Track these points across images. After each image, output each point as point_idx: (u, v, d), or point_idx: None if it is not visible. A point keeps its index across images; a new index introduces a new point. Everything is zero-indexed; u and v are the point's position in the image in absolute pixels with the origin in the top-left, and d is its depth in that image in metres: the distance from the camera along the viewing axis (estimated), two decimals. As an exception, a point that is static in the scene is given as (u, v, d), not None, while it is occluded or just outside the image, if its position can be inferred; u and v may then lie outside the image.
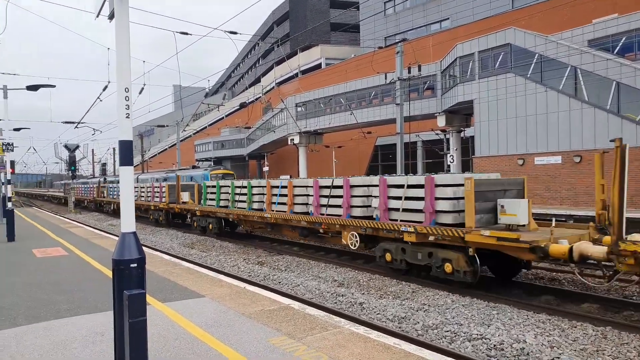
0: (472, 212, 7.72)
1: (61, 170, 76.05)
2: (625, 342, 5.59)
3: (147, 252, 10.84)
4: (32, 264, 9.28)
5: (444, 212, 8.21)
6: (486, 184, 8.10)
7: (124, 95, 3.31)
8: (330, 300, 7.83)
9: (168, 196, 20.00)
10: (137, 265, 3.36)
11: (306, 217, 11.44)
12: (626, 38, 19.24)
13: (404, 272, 9.30)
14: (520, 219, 7.59)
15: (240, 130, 51.93)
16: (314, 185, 11.31)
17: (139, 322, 3.22)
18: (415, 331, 6.16)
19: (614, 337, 5.75)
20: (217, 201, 15.86)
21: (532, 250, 6.99)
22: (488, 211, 7.99)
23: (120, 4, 3.29)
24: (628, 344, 5.53)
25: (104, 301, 6.10)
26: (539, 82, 21.19)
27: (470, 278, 7.84)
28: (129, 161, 3.43)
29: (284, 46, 57.41)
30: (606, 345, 5.51)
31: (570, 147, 20.38)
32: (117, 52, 3.29)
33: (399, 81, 26.39)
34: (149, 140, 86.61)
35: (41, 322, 5.26)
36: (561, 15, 27.60)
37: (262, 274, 10.17)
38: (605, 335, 5.83)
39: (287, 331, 4.79)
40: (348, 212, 10.32)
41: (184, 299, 6.19)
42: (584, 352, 5.32)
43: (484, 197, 7.96)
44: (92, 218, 28.88)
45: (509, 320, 6.37)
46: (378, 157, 41.35)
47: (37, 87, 13.84)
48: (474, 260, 7.87)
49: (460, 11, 39.43)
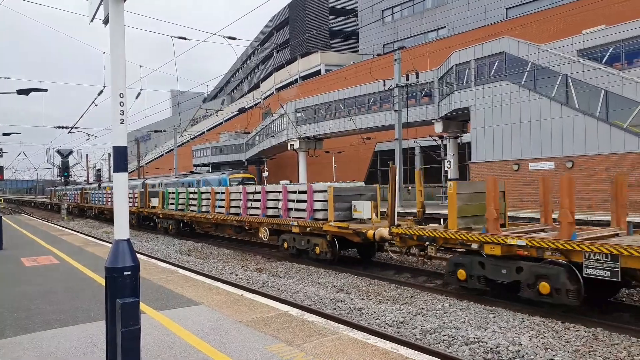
0: (332, 210, 10.75)
1: (53, 176, 75.54)
2: (615, 343, 5.70)
3: (143, 259, 10.74)
4: (21, 273, 9.02)
5: (318, 211, 11.32)
6: (344, 190, 11.25)
7: (119, 100, 3.27)
8: (329, 306, 7.77)
9: (140, 201, 22.57)
10: (131, 273, 3.30)
11: (236, 217, 14.39)
12: (614, 48, 19.77)
13: (295, 256, 12.22)
14: (364, 215, 10.77)
15: (239, 136, 51.91)
16: (243, 191, 14.30)
17: (132, 330, 3.16)
18: (413, 336, 6.16)
19: (605, 338, 5.86)
20: (176, 205, 18.54)
21: (357, 234, 10.08)
22: (345, 209, 11.05)
23: (115, 8, 3.25)
24: (618, 345, 5.65)
25: (97, 310, 5.99)
26: (532, 89, 21.58)
27: (329, 257, 10.92)
28: (124, 167, 3.39)
29: (283, 52, 57.66)
30: (597, 346, 5.61)
31: (562, 153, 20.72)
32: (111, 57, 3.25)
33: (397, 88, 26.50)
34: (145, 145, 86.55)
35: (29, 334, 5.10)
36: (553, 26, 28.00)
37: (260, 280, 10.09)
38: (596, 336, 5.93)
39: (285, 338, 4.73)
40: (264, 212, 13.14)
41: (180, 307, 6.11)
42: (576, 353, 5.39)
43: (342, 199, 10.98)
44: (85, 225, 28.35)
45: (505, 324, 6.42)
46: (377, 163, 41.42)
47: (29, 91, 13.57)
48: (333, 244, 10.91)
49: (457, 20, 39.87)
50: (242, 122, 52.25)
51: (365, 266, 11.20)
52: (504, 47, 22.53)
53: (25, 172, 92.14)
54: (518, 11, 35.03)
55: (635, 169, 18.08)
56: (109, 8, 3.24)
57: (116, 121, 3.30)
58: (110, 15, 3.26)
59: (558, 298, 6.65)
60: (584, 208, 19.56)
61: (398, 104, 26.34)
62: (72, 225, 28.25)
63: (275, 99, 49.27)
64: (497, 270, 7.45)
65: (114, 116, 3.29)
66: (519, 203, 21.88)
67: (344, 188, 11.40)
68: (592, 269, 6.32)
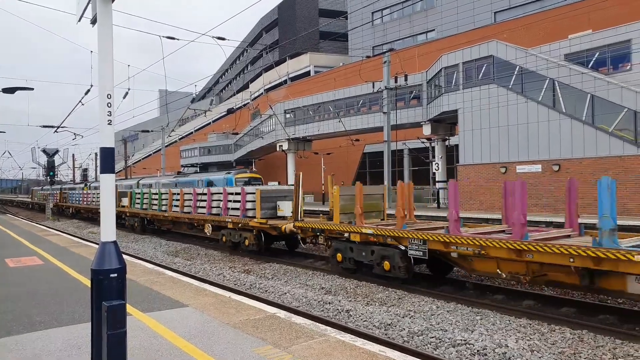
0: (259, 209, 12.72)
1: (39, 175, 74.01)
2: (600, 345, 5.77)
3: (129, 260, 10.60)
4: (5, 274, 8.86)
5: (249, 209, 13.23)
6: (269, 192, 13.40)
7: (106, 101, 3.24)
8: (317, 308, 7.77)
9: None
10: (117, 276, 3.27)
11: (187, 215, 16.20)
12: (599, 53, 20.09)
13: (232, 248, 14.14)
14: (286, 213, 12.68)
15: (228, 136, 51.62)
16: (193, 192, 16.23)
17: (118, 334, 3.13)
18: (401, 338, 6.17)
19: (590, 340, 5.92)
20: (141, 204, 20.15)
21: (274, 229, 12.06)
22: (272, 208, 13.07)
23: (103, 8, 3.22)
24: (603, 347, 5.72)
25: (82, 312, 5.90)
26: (520, 93, 21.80)
27: (256, 248, 12.83)
28: (110, 168, 3.35)
29: (272, 53, 57.56)
30: (582, 348, 5.67)
31: (549, 156, 20.96)
32: (99, 57, 3.22)
33: (386, 90, 26.68)
34: (133, 145, 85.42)
35: (12, 336, 5.01)
36: (540, 30, 28.47)
37: (248, 282, 10.05)
38: (582, 338, 5.99)
39: (273, 340, 4.72)
40: (209, 211, 15.05)
41: (166, 309, 6.06)
42: (562, 355, 5.45)
43: (268, 200, 13.01)
44: (71, 225, 27.96)
45: (492, 326, 6.46)
46: (366, 164, 41.61)
47: (14, 90, 13.43)
48: (260, 237, 12.81)
49: (446, 23, 40.29)
50: (231, 123, 51.97)
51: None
52: (492, 51, 22.76)
53: (10, 172, 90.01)
54: (506, 15, 35.57)
55: (619, 173, 18.36)
56: (96, 8, 3.21)
57: (103, 122, 3.26)
58: (98, 16, 3.22)
59: (395, 273, 8.87)
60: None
61: (387, 106, 26.52)
62: (57, 225, 27.80)
63: (264, 99, 49.15)
64: (360, 253, 9.70)
65: (101, 117, 3.26)
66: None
67: (270, 190, 13.88)
68: (413, 251, 8.48)
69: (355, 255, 9.77)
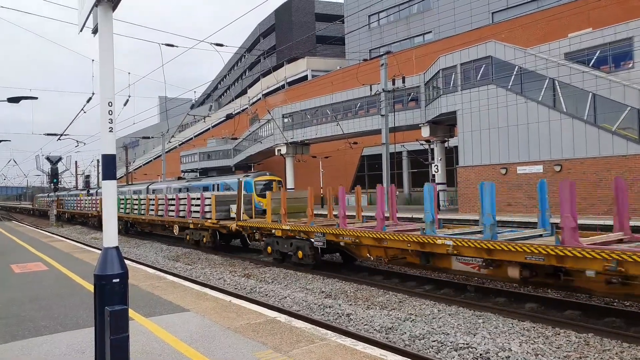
0: (214, 211, 14.69)
1: (43, 182, 74.14)
2: (607, 349, 5.64)
3: (131, 265, 10.64)
4: (10, 279, 8.96)
5: (207, 212, 15.21)
6: (224, 197, 15.87)
7: (107, 109, 3.29)
8: (318, 312, 7.78)
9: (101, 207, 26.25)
10: (120, 281, 3.31)
11: (160, 218, 18.58)
12: (600, 51, 19.78)
13: (193, 244, 16.35)
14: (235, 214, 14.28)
15: (227, 141, 51.67)
16: (165, 197, 18.79)
17: (121, 338, 3.16)
18: (402, 341, 6.13)
19: (596, 344, 5.80)
20: (125, 208, 22.40)
21: (223, 227, 14.32)
22: (226, 211, 15.16)
23: (104, 18, 3.28)
24: (610, 350, 5.59)
25: (86, 317, 5.94)
26: (519, 93, 21.65)
27: (211, 244, 15.17)
28: (112, 175, 3.40)
29: (270, 58, 57.72)
30: (589, 352, 5.55)
31: (550, 157, 20.79)
32: (100, 66, 3.27)
33: (384, 93, 26.76)
34: (133, 151, 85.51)
35: (18, 341, 5.07)
36: (538, 30, 28.49)
37: (248, 286, 10.06)
38: (587, 342, 5.88)
39: (273, 345, 4.75)
40: (177, 214, 17.32)
41: (168, 314, 6.08)
42: (568, 359, 5.35)
43: (223, 203, 15.18)
44: (74, 231, 28.10)
45: (495, 329, 6.39)
46: (364, 167, 41.64)
47: (19, 99, 13.60)
48: (215, 235, 15.14)
49: (443, 24, 40.39)
50: (230, 128, 52.04)
51: (355, 271, 11.25)
52: (490, 51, 22.63)
53: (15, 179, 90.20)
54: (504, 15, 35.60)
55: (623, 172, 18.03)
56: (97, 18, 3.27)
57: (105, 129, 3.31)
58: (100, 25, 3.28)
59: (305, 260, 11.13)
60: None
61: (385, 109, 26.60)
62: (61, 231, 27.97)
63: (262, 104, 49.27)
64: (283, 246, 11.92)
65: (102, 124, 3.30)
66: (507, 207, 21.80)
67: (225, 195, 16.96)
68: (316, 242, 10.73)
69: (280, 248, 12.04)
